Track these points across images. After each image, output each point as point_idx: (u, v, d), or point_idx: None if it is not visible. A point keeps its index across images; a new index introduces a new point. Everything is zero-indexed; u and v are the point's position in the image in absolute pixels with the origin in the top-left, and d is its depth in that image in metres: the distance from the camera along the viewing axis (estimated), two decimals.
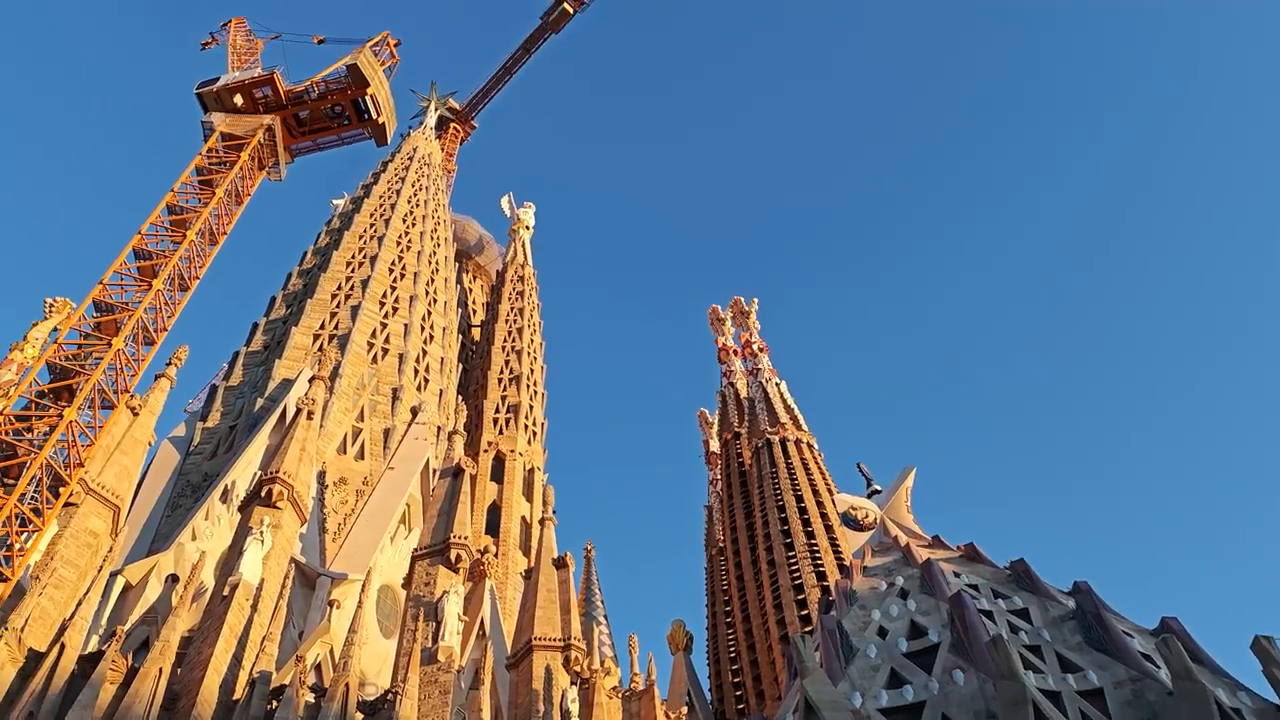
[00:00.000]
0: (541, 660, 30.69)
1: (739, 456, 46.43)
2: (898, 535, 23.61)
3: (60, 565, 25.52)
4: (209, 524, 36.48)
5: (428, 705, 26.06)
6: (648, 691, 39.05)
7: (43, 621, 24.07)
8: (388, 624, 36.87)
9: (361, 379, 45.86)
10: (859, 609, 20.62)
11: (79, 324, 30.35)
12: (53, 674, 22.20)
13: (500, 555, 46.10)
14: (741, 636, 39.95)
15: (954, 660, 18.07)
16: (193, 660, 24.86)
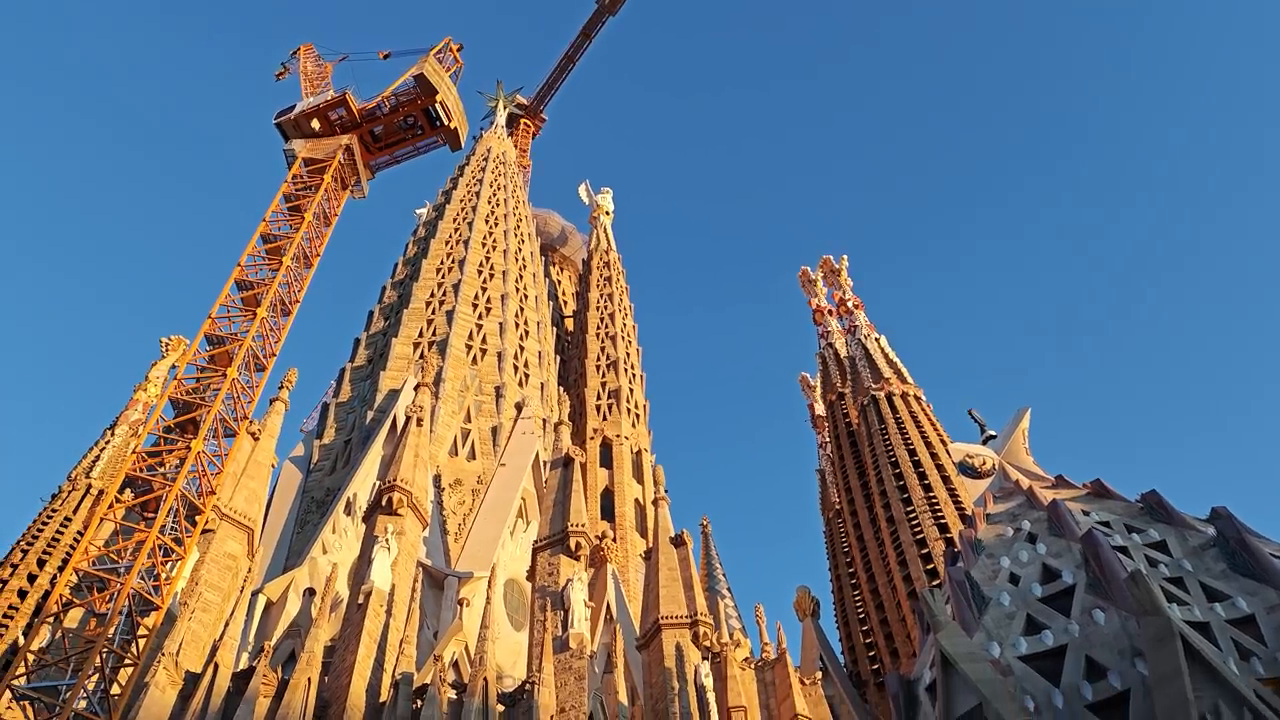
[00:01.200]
0: (671, 638, 30.92)
1: (845, 417, 45.81)
2: (1019, 479, 22.97)
3: (205, 589, 26.73)
4: (336, 537, 37.76)
5: (565, 692, 26.51)
6: (780, 660, 38.95)
7: (194, 644, 25.25)
8: (516, 617, 37.63)
9: (464, 381, 46.74)
10: (987, 558, 20.14)
11: (194, 358, 31.63)
12: (210, 693, 23.30)
13: (618, 539, 46.52)
14: (868, 597, 39.51)
15: (1092, 600, 17.52)
16: (337, 668, 25.81)
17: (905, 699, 19.16)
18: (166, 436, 29.14)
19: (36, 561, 38.86)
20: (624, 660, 31.65)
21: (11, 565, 39.30)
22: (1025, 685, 16.81)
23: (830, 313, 52.60)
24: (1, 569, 40.03)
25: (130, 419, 46.72)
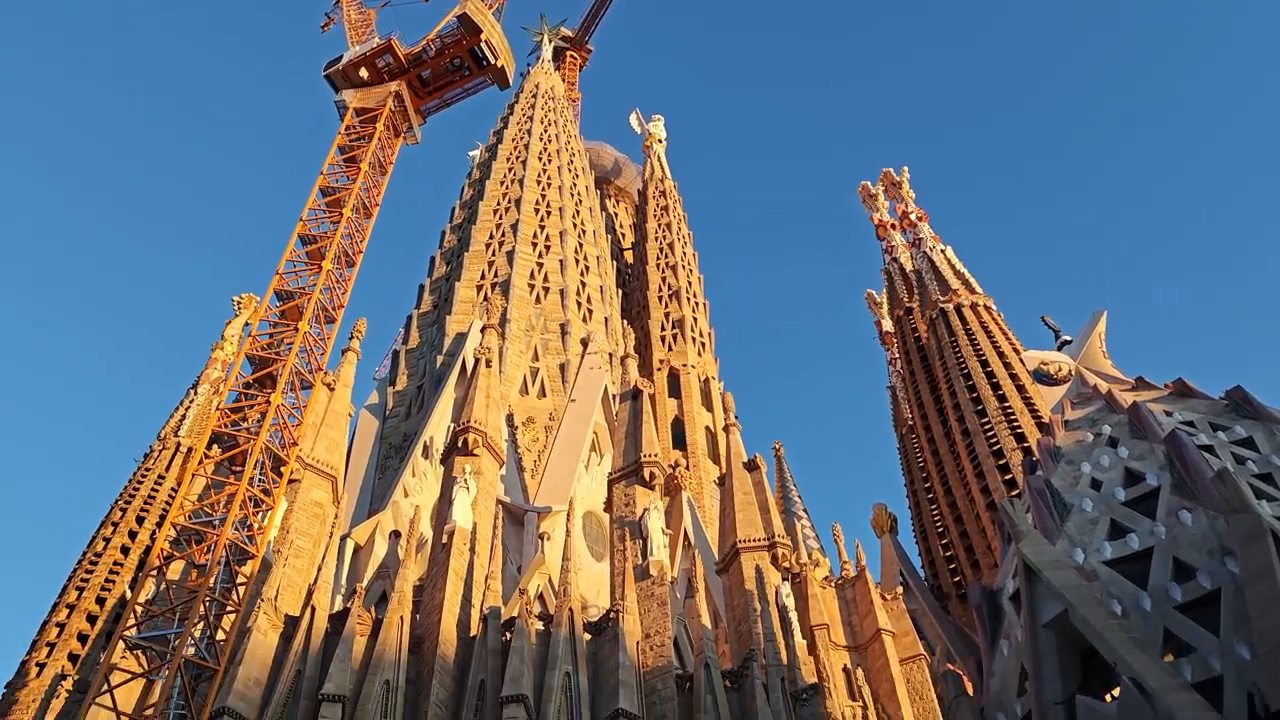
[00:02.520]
0: (750, 561, 31.24)
1: (914, 332, 45.17)
2: (1097, 383, 22.49)
3: (296, 537, 27.67)
4: (416, 480, 38.69)
5: (649, 618, 27.01)
6: (860, 577, 39.15)
7: (290, 589, 26.23)
8: (596, 548, 38.33)
9: (529, 320, 47.09)
10: (1066, 464, 19.86)
11: (266, 315, 32.31)
12: (309, 634, 24.26)
13: (691, 467, 46.88)
14: (946, 511, 39.35)
15: (1178, 501, 17.22)
16: (427, 605, 26.63)
17: (989, 609, 19.13)
18: (246, 392, 29.97)
19: (136, 518, 40.59)
20: (704, 585, 32.09)
21: (112, 523, 41.09)
22: (1111, 589, 16.66)
23: (893, 227, 51.57)
24: (103, 527, 41.89)
25: (211, 377, 48.13)
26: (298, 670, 23.53)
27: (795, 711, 26.68)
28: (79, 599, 37.97)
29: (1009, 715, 17.43)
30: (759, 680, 26.02)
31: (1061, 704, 15.99)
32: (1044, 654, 16.38)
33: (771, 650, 28.01)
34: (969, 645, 20.90)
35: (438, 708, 23.30)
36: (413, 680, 24.07)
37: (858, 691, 34.65)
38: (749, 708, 25.51)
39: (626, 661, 24.41)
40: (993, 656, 18.73)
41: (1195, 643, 15.34)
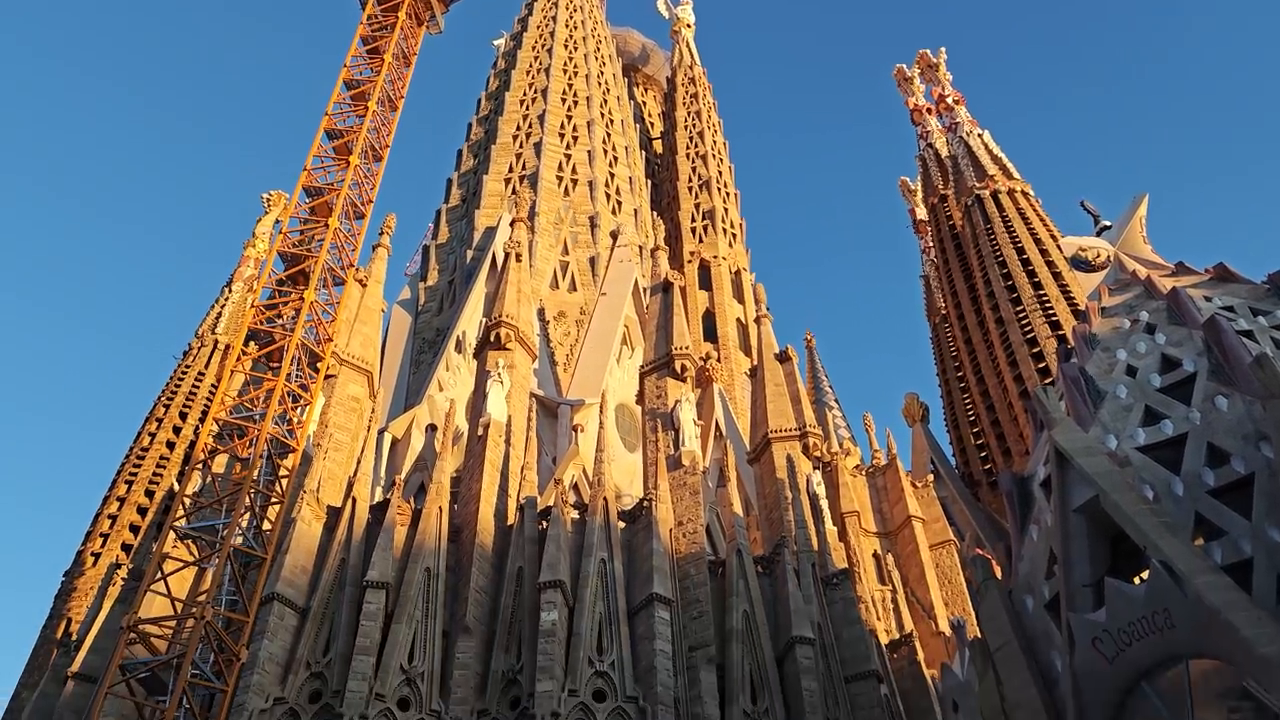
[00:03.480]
0: (781, 451, 31.54)
1: (949, 219, 44.37)
2: (1135, 269, 22.12)
3: (334, 431, 28.22)
4: (450, 374, 39.14)
5: (681, 506, 27.47)
6: (891, 465, 39.53)
7: (331, 481, 26.89)
8: (629, 439, 38.81)
9: (558, 213, 46.78)
10: (1102, 352, 19.70)
11: (296, 211, 32.27)
12: (352, 524, 24.97)
13: (722, 359, 46.99)
14: (978, 399, 39.29)
15: (1215, 387, 17.08)
16: (465, 496, 27.24)
17: (1019, 496, 19.29)
18: (280, 289, 30.18)
19: (179, 414, 41.62)
20: (736, 474, 32.49)
21: (156, 419, 42.18)
22: (1144, 475, 16.71)
23: (929, 111, 50.17)
24: (148, 423, 43.01)
25: (244, 275, 48.60)
26: (341, 559, 24.30)
27: (825, 595, 27.28)
28: (128, 492, 39.29)
29: (1036, 598, 17.73)
30: (790, 566, 26.55)
31: (1090, 586, 16.23)
32: (1073, 538, 16.56)
33: (802, 537, 28.49)
34: (998, 531, 21.10)
35: (478, 593, 24.05)
36: (452, 568, 24.80)
37: (887, 576, 35.36)
38: (780, 592, 26.10)
39: (660, 548, 24.95)
40: (1022, 541, 18.96)
41: (1227, 526, 15.42)
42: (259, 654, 21.94)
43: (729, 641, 24.72)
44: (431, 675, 22.49)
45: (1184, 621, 14.56)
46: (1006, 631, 17.40)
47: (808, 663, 24.32)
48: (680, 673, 23.51)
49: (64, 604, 35.77)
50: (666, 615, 23.75)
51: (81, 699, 24.02)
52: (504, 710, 22.10)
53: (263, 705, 21.41)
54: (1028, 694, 16.52)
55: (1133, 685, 15.04)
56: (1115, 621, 15.22)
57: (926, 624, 33.65)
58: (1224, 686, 13.84)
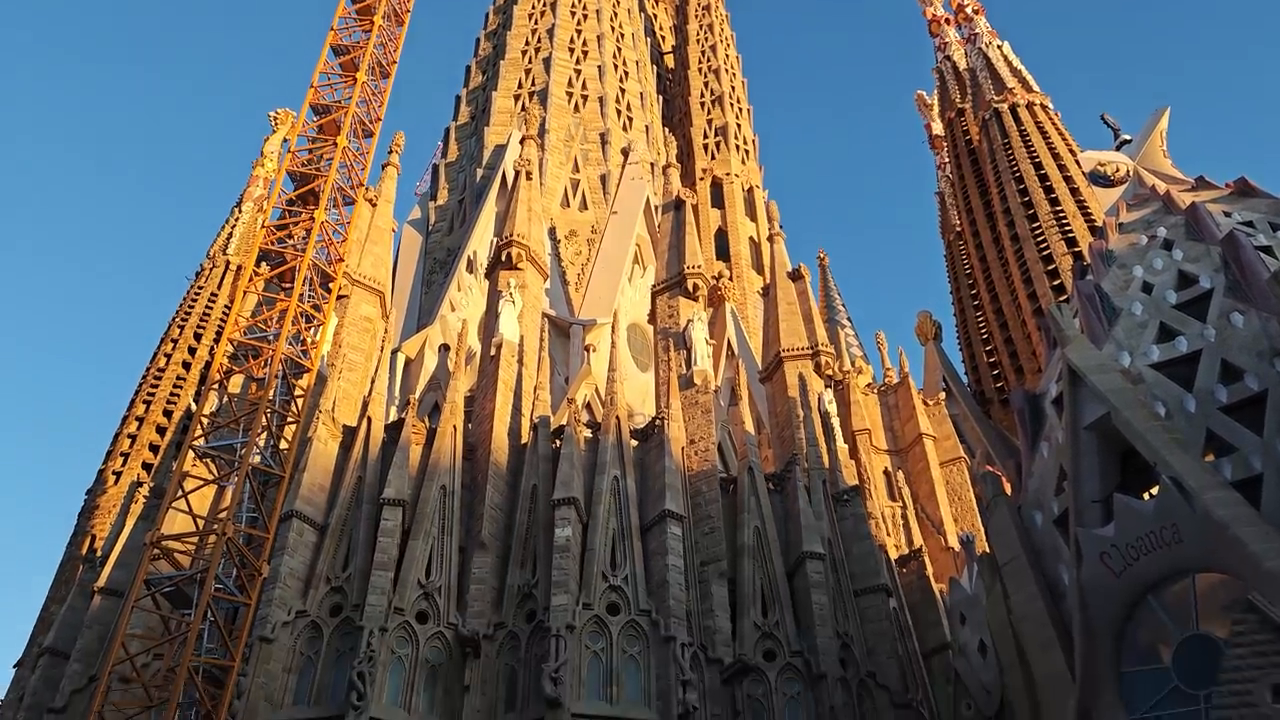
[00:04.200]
0: (793, 369, 31.56)
1: (966, 134, 43.68)
2: (1155, 184, 21.81)
3: (348, 351, 28.35)
4: (462, 294, 39.16)
5: (693, 425, 27.64)
6: (902, 383, 39.60)
7: (346, 401, 27.11)
8: (641, 359, 38.91)
9: (568, 130, 46.17)
10: (1118, 268, 19.54)
11: (304, 129, 31.92)
12: (367, 443, 25.24)
13: (735, 278, 46.82)
14: (992, 317, 39.20)
15: (1231, 304, 16.97)
16: (479, 415, 27.46)
17: (1030, 413, 19.36)
18: (290, 209, 30.03)
19: (194, 335, 41.90)
20: (748, 393, 32.60)
21: (172, 340, 42.49)
22: (1156, 392, 16.73)
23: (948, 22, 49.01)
24: (164, 344, 43.35)
25: (254, 195, 48.38)
26: (358, 477, 24.63)
27: (836, 512, 27.57)
28: (147, 412, 39.80)
29: (1045, 513, 17.91)
30: (801, 483, 26.79)
31: (1099, 502, 16.38)
32: (1084, 454, 16.66)
33: (813, 454, 28.68)
34: (1009, 448, 21.22)
35: (493, 510, 24.40)
36: (468, 485, 25.12)
37: (898, 493, 35.71)
38: (791, 509, 26.39)
39: (672, 466, 25.18)
40: (1032, 458, 19.08)
41: (1237, 443, 15.48)
42: (280, 569, 22.41)
43: (740, 557, 25.10)
44: (449, 589, 22.96)
45: (1192, 536, 14.71)
46: (1015, 546, 17.62)
47: (818, 577, 24.70)
48: (692, 586, 23.94)
49: (88, 521, 36.54)
50: (679, 531, 24.08)
51: (109, 612, 24.66)
52: (520, 623, 22.59)
53: (285, 618, 21.95)
54: (1034, 606, 16.79)
55: (1139, 598, 15.28)
56: (1123, 536, 15.40)
57: (936, 539, 34.07)
58: (1229, 599, 14.05)
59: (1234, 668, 13.06)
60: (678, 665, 21.44)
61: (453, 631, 22.18)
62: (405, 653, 21.76)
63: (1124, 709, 14.94)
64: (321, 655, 21.82)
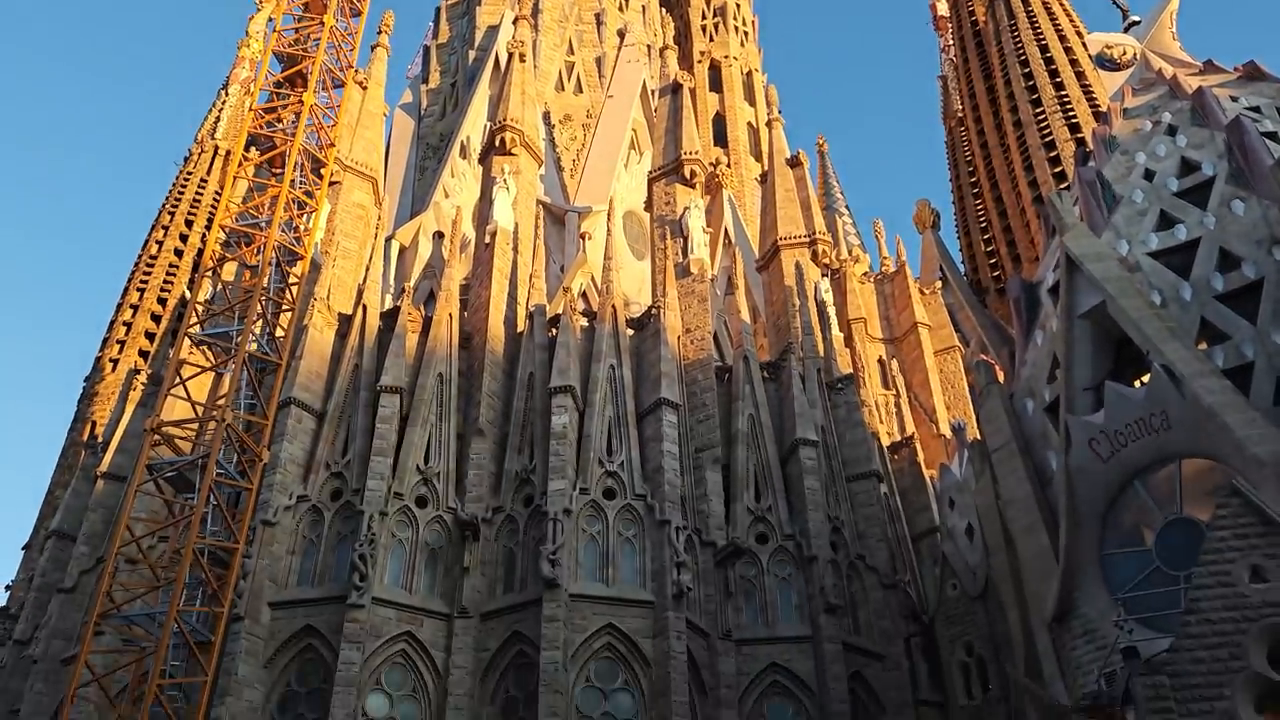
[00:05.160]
0: (790, 258, 31.42)
1: (971, 14, 42.52)
2: (1161, 68, 21.34)
3: (341, 238, 28.11)
4: (456, 180, 38.58)
5: (689, 314, 27.66)
6: (899, 272, 39.48)
7: (341, 289, 27.01)
8: (637, 247, 38.63)
9: (563, 10, 44.78)
10: (1120, 155, 19.28)
11: (289, 7, 30.94)
12: (363, 331, 25.26)
13: (732, 164, 46.10)
14: (991, 205, 38.89)
15: (1232, 191, 16.81)
16: (474, 304, 27.42)
17: (1026, 301, 19.38)
18: (278, 92, 29.36)
19: (185, 221, 41.51)
20: (744, 282, 32.53)
21: (163, 227, 42.10)
22: (1153, 280, 16.71)
23: None
24: (154, 230, 42.95)
25: (240, 77, 47.27)
26: (355, 365, 24.72)
27: (830, 399, 27.83)
28: (141, 299, 39.71)
29: (1037, 401, 18.10)
30: (795, 371, 26.96)
31: (1090, 390, 16.55)
32: (1078, 342, 16.75)
33: (809, 343, 28.80)
34: (1003, 337, 21.34)
35: (490, 398, 24.59)
36: (464, 373, 25.26)
37: (891, 381, 35.97)
38: (785, 396, 26.62)
39: (668, 354, 25.29)
40: (1026, 346, 19.18)
41: (1231, 331, 15.55)
42: (280, 455, 22.70)
43: (734, 443, 25.45)
44: (447, 475, 23.31)
45: (1180, 423, 14.91)
46: (1006, 433, 17.86)
47: (810, 463, 25.10)
48: (687, 472, 24.33)
49: (87, 408, 36.84)
50: (674, 419, 24.33)
51: (112, 496, 25.08)
52: (518, 507, 23.01)
53: (287, 502, 22.35)
54: (1022, 491, 17.12)
55: (1125, 483, 15.58)
56: (1112, 423, 15.59)
57: (928, 427, 34.47)
58: (1213, 484, 14.33)
59: (1214, 549, 13.40)
60: (672, 548, 21.94)
61: (452, 515, 22.62)
62: (405, 536, 22.24)
63: (1105, 588, 15.39)
64: (323, 538, 22.29)
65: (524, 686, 20.69)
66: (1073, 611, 15.67)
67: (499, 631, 21.40)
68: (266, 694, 20.51)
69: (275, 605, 21.26)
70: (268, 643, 20.87)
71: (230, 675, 19.91)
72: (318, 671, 20.75)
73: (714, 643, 22.35)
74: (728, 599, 23.06)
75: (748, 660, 22.47)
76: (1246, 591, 13.07)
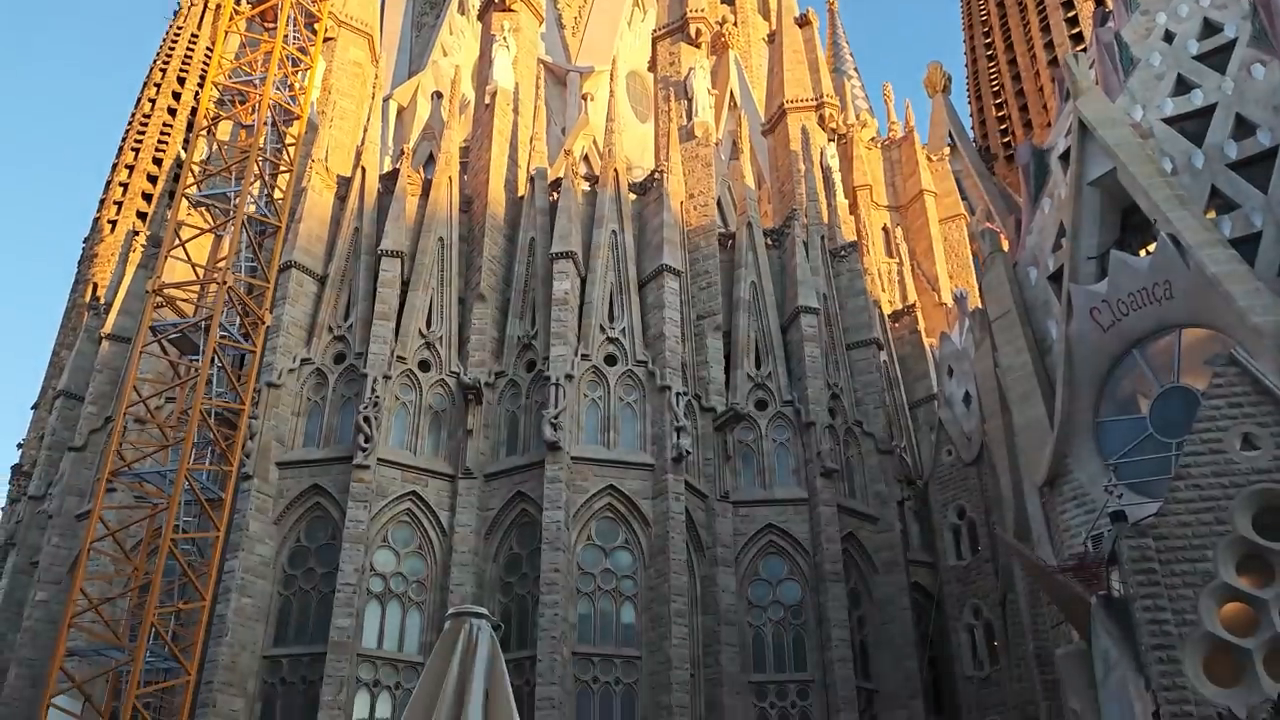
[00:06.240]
0: (796, 122, 30.78)
1: None
2: None
3: (338, 98, 27.48)
4: (454, 38, 37.52)
5: (692, 179, 27.28)
6: (907, 138, 38.74)
7: (339, 150, 26.57)
8: (640, 109, 37.82)
9: None
10: (1141, 14, 18.63)
11: None
12: (363, 193, 24.97)
13: (739, 23, 44.60)
14: (1004, 68, 37.84)
15: (1254, 54, 16.31)
16: (474, 166, 27.00)
17: (1035, 168, 19.06)
18: None
19: (177, 79, 40.50)
20: (749, 146, 31.93)
21: (154, 85, 41.10)
22: (1165, 147, 16.40)
23: None
24: (146, 89, 41.94)
25: None
26: (355, 228, 24.53)
27: (832, 267, 27.72)
28: (136, 159, 39.12)
29: (1041, 270, 18.02)
30: (799, 238, 26.78)
31: (1095, 259, 16.45)
32: (1085, 210, 16.55)
33: (813, 210, 28.49)
34: (1010, 205, 21.06)
35: (491, 262, 24.49)
36: (465, 237, 25.08)
37: (895, 249, 35.76)
38: (788, 264, 26.52)
39: (670, 220, 25.06)
40: (1033, 214, 18.97)
41: (1241, 199, 15.35)
42: (282, 318, 22.76)
43: (736, 310, 25.49)
44: (449, 339, 23.44)
45: (1183, 292, 14.88)
46: (1007, 301, 17.86)
47: (811, 330, 25.19)
48: (688, 339, 24.46)
49: (88, 269, 36.77)
50: (676, 285, 24.30)
51: (117, 357, 25.29)
52: (520, 372, 23.22)
53: (290, 365, 22.54)
54: (1021, 359, 17.23)
55: (1124, 352, 15.66)
56: (1115, 292, 15.57)
57: (930, 295, 34.45)
58: (1211, 353, 14.39)
59: (1208, 417, 13.55)
60: (672, 413, 22.25)
61: (454, 379, 22.85)
62: (409, 399, 22.52)
63: (1098, 454, 15.65)
64: (328, 400, 22.59)
65: (527, 544, 21.32)
66: (1064, 476, 15.98)
67: (502, 492, 21.91)
68: (277, 549, 21.17)
69: (283, 465, 21.73)
70: (276, 500, 21.41)
71: (241, 531, 20.50)
72: (326, 529, 21.36)
73: (712, 504, 22.92)
74: (726, 462, 23.52)
75: (745, 521, 23.09)
76: (1236, 459, 13.29)
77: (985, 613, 21.59)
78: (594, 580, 21.14)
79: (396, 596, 20.90)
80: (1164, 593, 12.76)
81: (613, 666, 20.40)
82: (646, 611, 20.80)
